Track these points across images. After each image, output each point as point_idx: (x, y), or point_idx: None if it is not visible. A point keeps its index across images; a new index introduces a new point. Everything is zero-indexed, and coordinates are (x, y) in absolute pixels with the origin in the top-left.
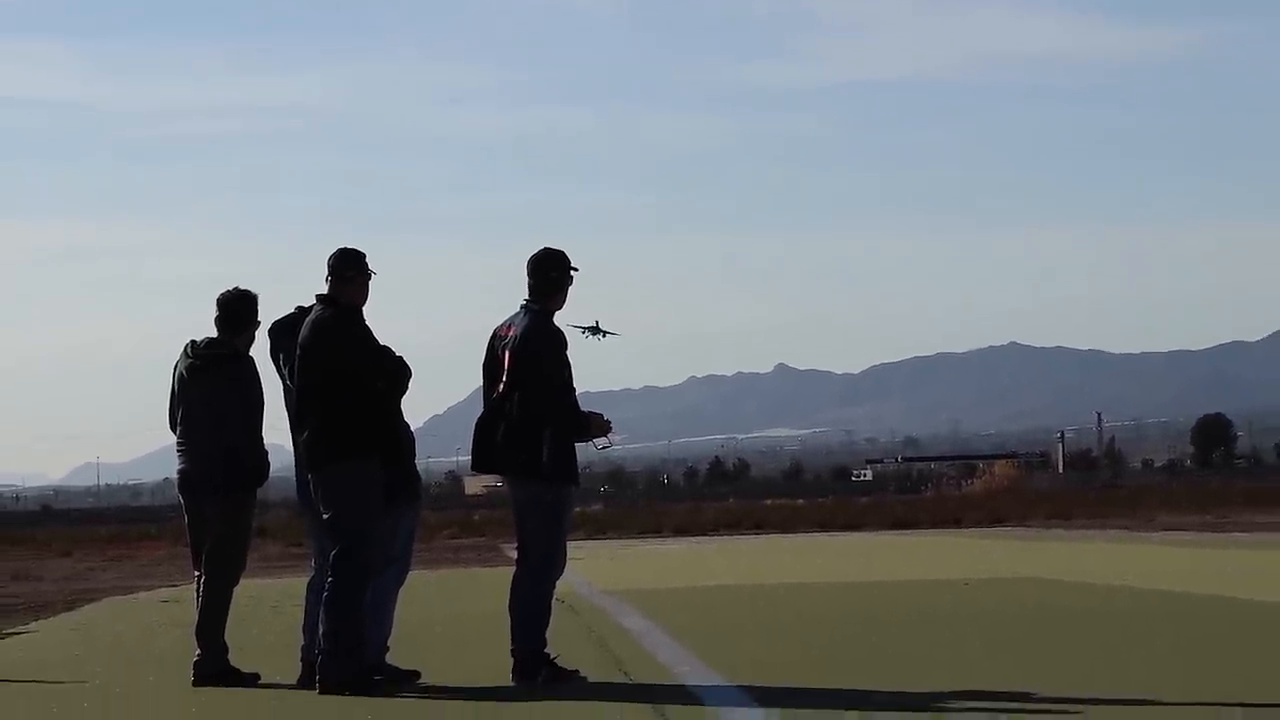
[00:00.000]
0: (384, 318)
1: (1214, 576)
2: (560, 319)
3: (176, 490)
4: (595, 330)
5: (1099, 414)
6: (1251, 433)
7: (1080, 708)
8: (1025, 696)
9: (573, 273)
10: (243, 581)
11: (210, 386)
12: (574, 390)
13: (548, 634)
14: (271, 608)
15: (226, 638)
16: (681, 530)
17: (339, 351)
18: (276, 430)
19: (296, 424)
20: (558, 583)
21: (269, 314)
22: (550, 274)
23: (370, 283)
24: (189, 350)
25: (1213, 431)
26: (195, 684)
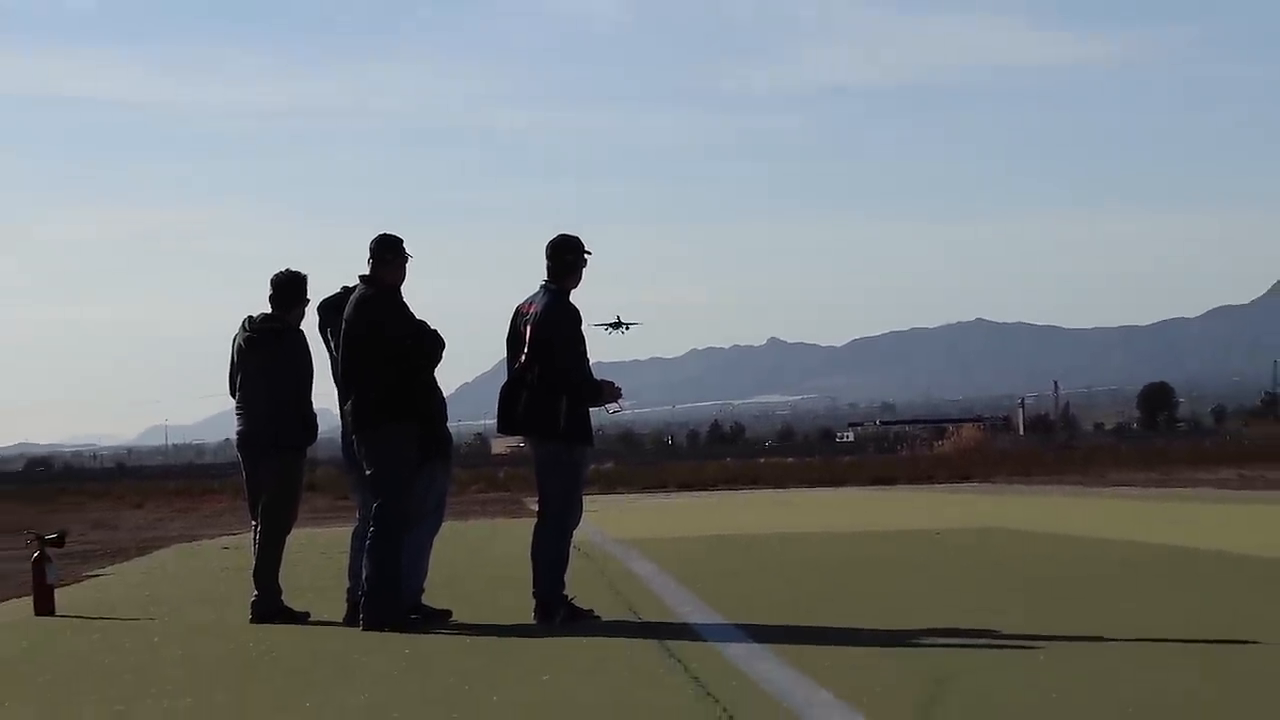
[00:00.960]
0: (421, 295)
1: (1159, 526)
2: (585, 321)
3: (235, 449)
4: (616, 325)
5: (1055, 382)
6: (1191, 399)
7: (1038, 642)
8: (990, 634)
9: (586, 256)
10: (294, 530)
11: (265, 357)
12: (588, 361)
13: (566, 578)
14: (320, 554)
15: (280, 580)
16: (685, 486)
17: (380, 327)
18: (324, 396)
19: (342, 391)
20: (574, 532)
21: (318, 293)
22: (566, 257)
23: (407, 265)
24: (246, 325)
25: (1157, 398)
26: (252, 621)
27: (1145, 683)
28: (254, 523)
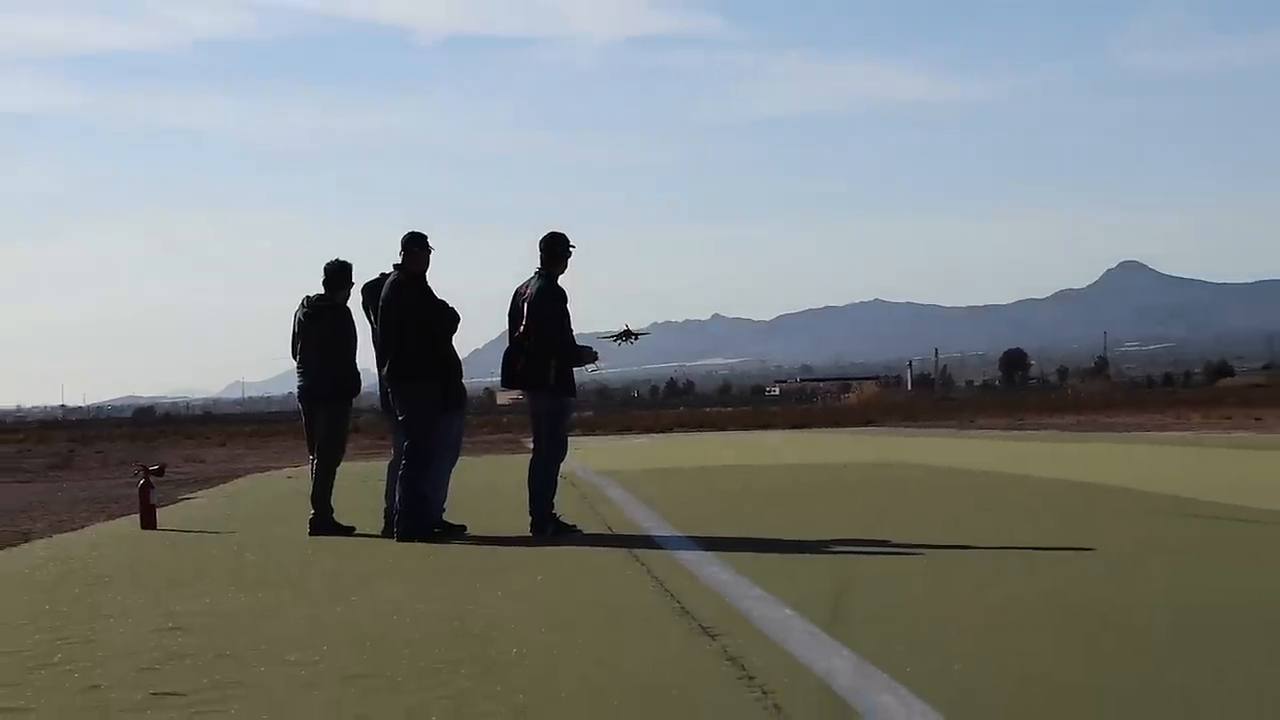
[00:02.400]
0: (443, 279)
1: (1017, 461)
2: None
3: (297, 400)
4: (626, 335)
5: (935, 349)
6: (1040, 362)
7: (923, 550)
8: (886, 543)
9: (571, 249)
10: (343, 463)
11: (320, 328)
12: (571, 331)
13: (555, 500)
14: (363, 482)
15: (331, 502)
16: (647, 429)
17: (408, 305)
18: (366, 359)
19: (380, 355)
20: (561, 465)
21: (361, 276)
22: (555, 250)
23: (430, 255)
24: (305, 303)
25: (1014, 362)
26: (310, 534)
27: (1008, 584)
28: (311, 457)
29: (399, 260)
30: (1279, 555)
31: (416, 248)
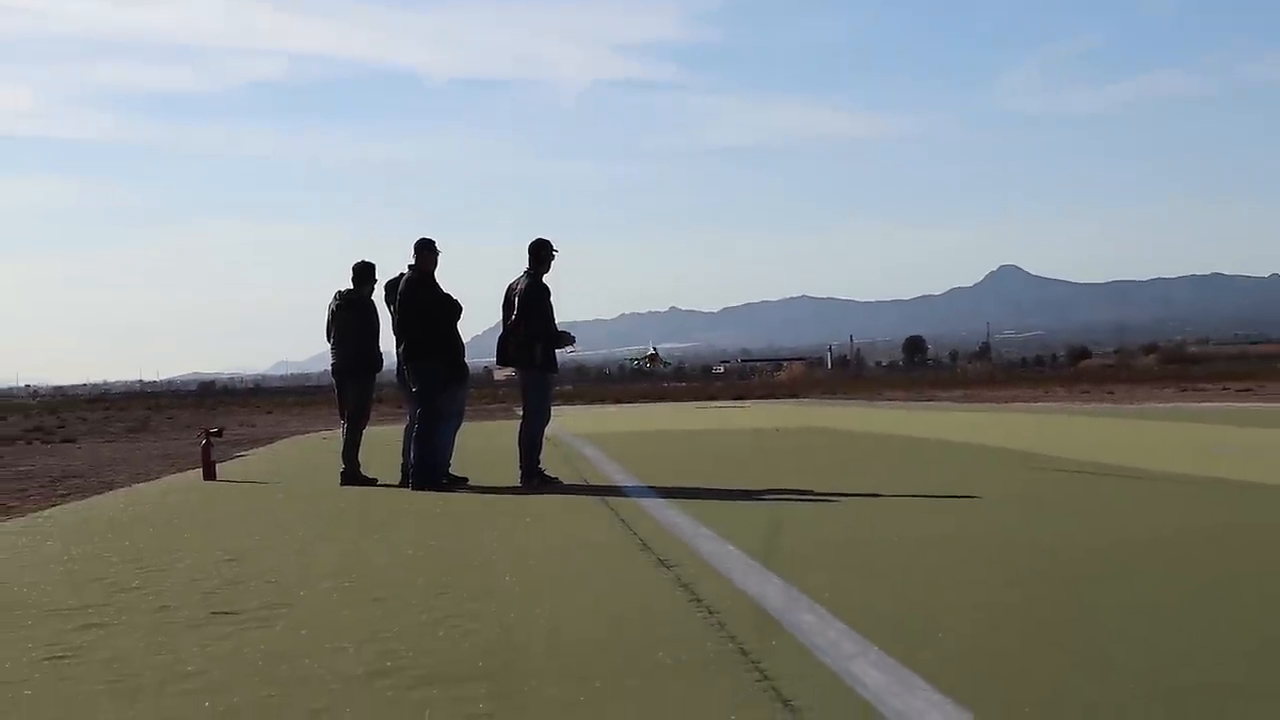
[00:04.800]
0: (451, 276)
1: (916, 426)
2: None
3: (331, 375)
4: (653, 359)
5: (851, 336)
6: (936, 347)
7: (842, 498)
8: (811, 491)
9: (554, 252)
10: (367, 427)
11: (349, 316)
12: (554, 320)
13: (540, 457)
14: (383, 443)
15: (359, 458)
16: (617, 400)
17: (420, 298)
18: (387, 342)
19: (397, 339)
20: (546, 429)
21: (382, 275)
22: (540, 253)
23: (438, 257)
24: (337, 296)
25: (914, 346)
26: (341, 484)
27: (910, 525)
28: (341, 422)
29: (412, 261)
30: (1125, 499)
31: (426, 251)
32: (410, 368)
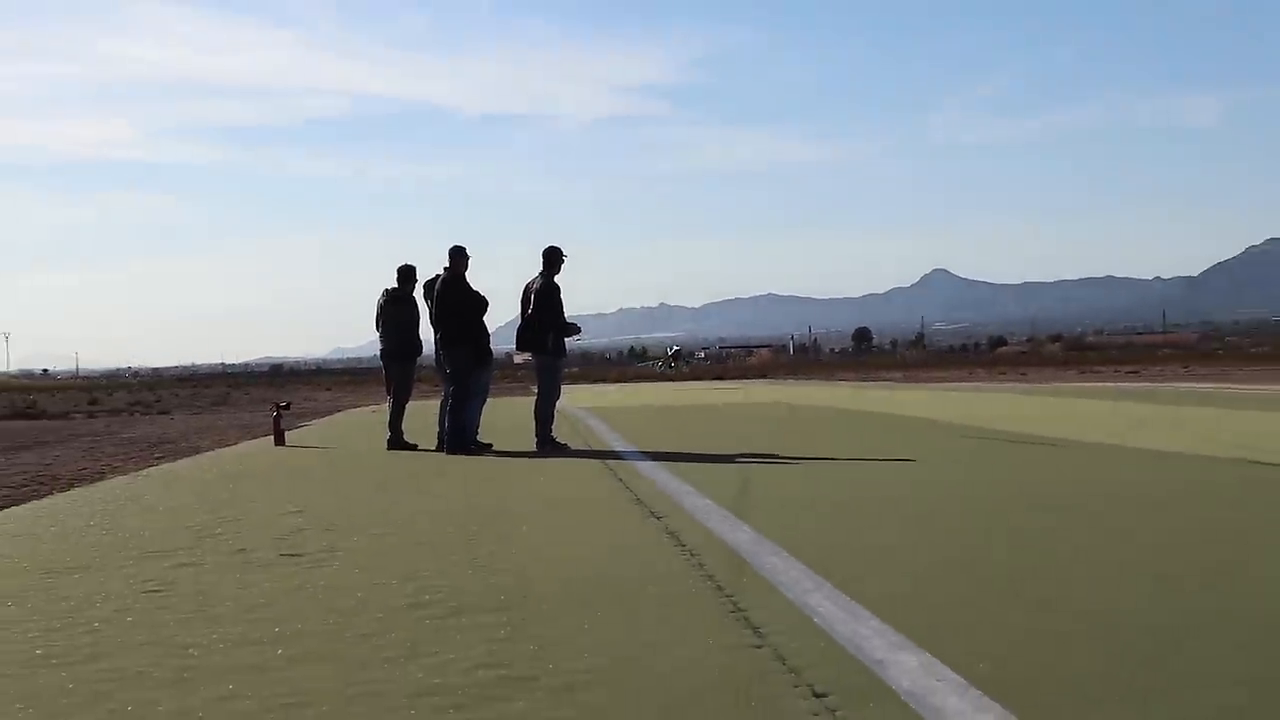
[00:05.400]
0: (480, 276)
1: (861, 401)
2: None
3: (380, 359)
4: (677, 355)
5: (809, 327)
6: (880, 337)
7: (801, 461)
8: (775, 455)
9: (564, 257)
10: (409, 402)
11: (394, 310)
12: (564, 313)
13: (552, 427)
14: (423, 415)
15: (402, 427)
16: (616, 381)
17: (453, 296)
18: (426, 331)
19: (434, 328)
20: (557, 404)
21: (422, 276)
22: (552, 258)
23: (468, 261)
24: (385, 293)
25: (862, 336)
26: (387, 449)
27: (857, 482)
28: (388, 398)
29: (447, 264)
30: (1035, 460)
31: (458, 256)
32: (445, 353)
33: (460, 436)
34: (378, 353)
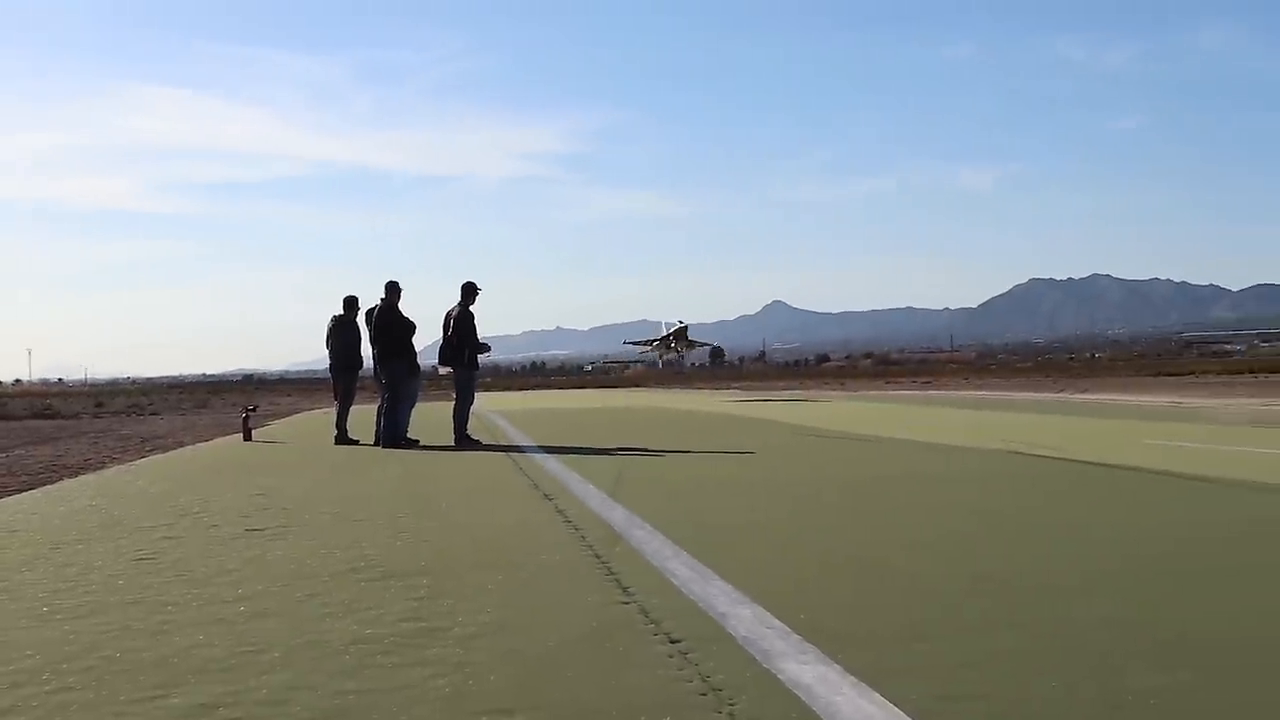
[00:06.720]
0: (412, 305)
1: (714, 405)
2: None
3: (329, 371)
4: (680, 336)
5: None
6: (730, 354)
7: (668, 454)
8: (646, 449)
9: (478, 290)
10: (353, 406)
11: (341, 331)
12: (477, 334)
13: (469, 426)
14: (363, 417)
15: (347, 426)
16: (521, 388)
17: (387, 321)
18: (366, 350)
19: (373, 347)
20: (472, 407)
21: (365, 304)
22: (469, 291)
23: (400, 293)
24: (333, 318)
25: (716, 354)
26: (335, 444)
27: (713, 468)
28: (336, 402)
29: (383, 295)
30: (849, 451)
31: (392, 289)
32: (381, 366)
33: (394, 434)
34: (328, 366)
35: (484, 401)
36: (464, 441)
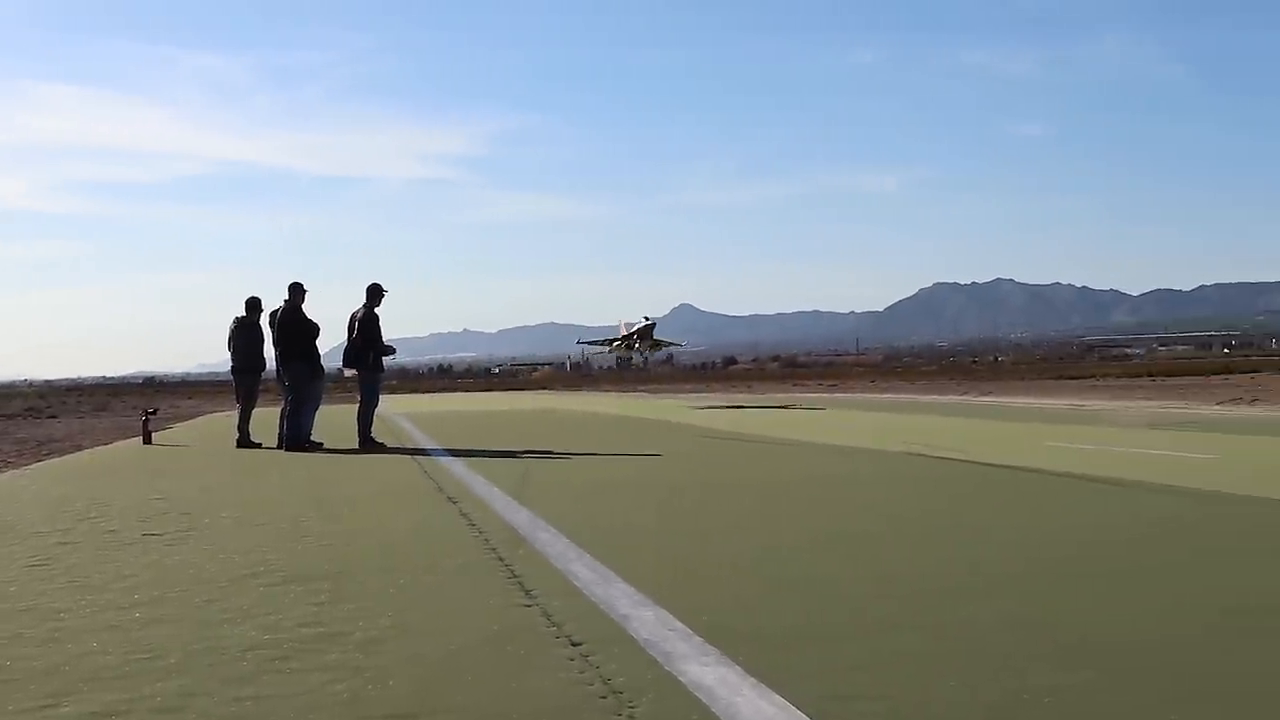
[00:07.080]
0: (316, 307)
1: (622, 407)
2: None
3: (230, 374)
4: (644, 335)
5: (583, 349)
6: (637, 357)
7: (576, 456)
8: (552, 452)
9: (384, 292)
10: (255, 408)
11: (244, 333)
12: (382, 336)
13: (373, 430)
14: (266, 419)
15: (249, 428)
16: (427, 391)
17: (291, 323)
18: (269, 351)
19: (275, 349)
20: (377, 410)
21: (268, 306)
22: (374, 293)
23: (305, 295)
24: (235, 320)
25: (622, 360)
26: (236, 447)
27: (614, 471)
28: (238, 404)
29: (287, 297)
30: (752, 453)
31: (296, 291)
32: (284, 368)
33: (297, 436)
34: (230, 368)
35: (389, 404)
36: (368, 444)
